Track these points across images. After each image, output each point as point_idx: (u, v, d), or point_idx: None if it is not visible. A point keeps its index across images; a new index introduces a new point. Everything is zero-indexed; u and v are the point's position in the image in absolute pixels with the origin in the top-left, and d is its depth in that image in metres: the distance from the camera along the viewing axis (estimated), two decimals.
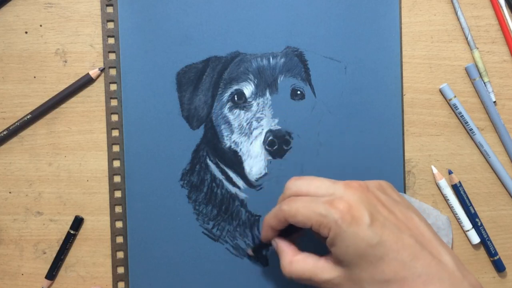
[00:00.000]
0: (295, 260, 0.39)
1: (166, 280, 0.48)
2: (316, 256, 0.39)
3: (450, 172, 0.50)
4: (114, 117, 0.48)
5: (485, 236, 0.49)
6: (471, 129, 0.49)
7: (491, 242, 0.49)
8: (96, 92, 0.48)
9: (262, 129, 0.48)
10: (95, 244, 0.48)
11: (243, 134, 0.48)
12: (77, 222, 0.48)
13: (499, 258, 0.50)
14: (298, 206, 0.37)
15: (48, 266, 0.48)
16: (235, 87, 0.48)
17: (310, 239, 0.42)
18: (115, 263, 0.48)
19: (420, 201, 0.49)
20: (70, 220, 0.48)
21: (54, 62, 0.48)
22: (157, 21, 0.48)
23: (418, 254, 0.35)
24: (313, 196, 0.38)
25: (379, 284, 0.35)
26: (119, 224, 0.48)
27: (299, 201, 0.38)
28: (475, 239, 0.49)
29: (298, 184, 0.40)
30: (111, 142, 0.48)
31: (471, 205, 0.49)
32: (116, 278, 0.48)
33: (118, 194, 0.48)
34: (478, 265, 0.50)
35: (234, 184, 0.48)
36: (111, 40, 0.48)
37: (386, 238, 0.35)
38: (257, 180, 0.48)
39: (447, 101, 0.49)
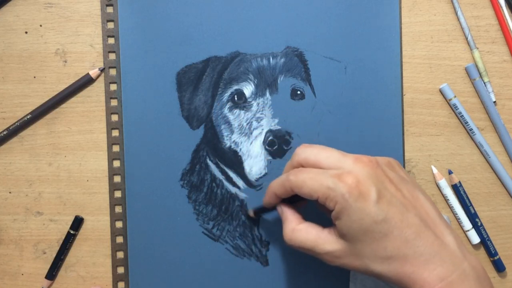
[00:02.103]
0: (297, 229, 0.39)
1: (166, 280, 0.48)
2: (319, 227, 0.39)
3: (450, 172, 0.50)
4: (114, 117, 0.48)
5: (485, 236, 0.49)
6: (471, 129, 0.49)
7: (491, 242, 0.49)
8: (96, 92, 0.48)
9: (262, 129, 0.48)
10: (95, 244, 0.48)
11: (243, 134, 0.48)
12: (77, 222, 0.48)
13: (499, 258, 0.50)
14: (305, 178, 0.37)
15: (48, 266, 0.48)
16: (235, 87, 0.48)
17: (313, 209, 0.42)
18: (115, 263, 0.48)
19: None
20: (70, 220, 0.48)
21: (54, 62, 0.48)
22: (157, 21, 0.48)
23: (421, 233, 0.35)
24: (321, 168, 0.38)
25: (381, 260, 0.35)
26: (119, 224, 0.48)
27: (307, 172, 0.37)
28: (475, 239, 0.49)
29: (307, 152, 0.39)
30: (111, 142, 0.48)
31: (471, 205, 0.49)
32: (116, 278, 0.48)
33: (118, 194, 0.48)
34: None
35: (234, 184, 0.48)
36: (111, 40, 0.48)
37: (391, 215, 0.35)
38: (257, 180, 0.48)
39: (447, 101, 0.49)
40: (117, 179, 0.48)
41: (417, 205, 0.37)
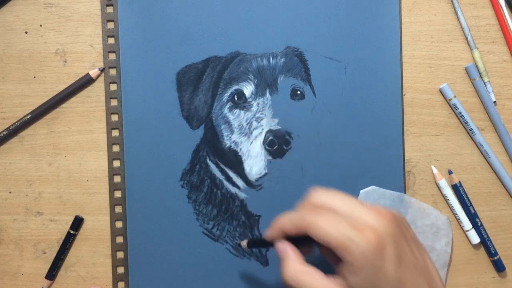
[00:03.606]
0: (303, 271, 0.37)
1: (166, 280, 0.48)
2: (322, 273, 0.37)
3: (450, 172, 0.50)
4: (114, 117, 0.48)
5: (485, 236, 0.49)
6: (471, 129, 0.49)
7: (491, 242, 0.49)
8: (96, 92, 0.48)
9: (262, 129, 0.48)
10: (95, 244, 0.48)
11: (243, 134, 0.48)
12: (77, 222, 0.48)
13: (499, 258, 0.50)
14: (323, 221, 0.35)
15: (48, 266, 0.48)
16: (235, 87, 0.48)
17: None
18: (115, 263, 0.48)
19: (420, 201, 0.49)
20: (70, 220, 0.48)
21: (54, 62, 0.48)
22: (157, 21, 0.48)
23: None
24: (338, 214, 0.36)
25: None
26: (119, 224, 0.48)
27: (325, 215, 0.36)
28: (475, 239, 0.49)
29: (323, 195, 0.38)
30: (111, 142, 0.48)
31: (471, 205, 0.49)
32: (116, 278, 0.48)
33: (118, 194, 0.48)
34: (478, 265, 0.50)
35: (234, 184, 0.48)
36: (111, 40, 0.48)
37: (406, 278, 0.35)
38: (257, 180, 0.48)
39: (447, 101, 0.49)
40: (117, 179, 0.48)
41: (427, 270, 0.37)
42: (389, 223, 0.35)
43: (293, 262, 0.38)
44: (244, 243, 0.45)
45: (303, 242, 0.39)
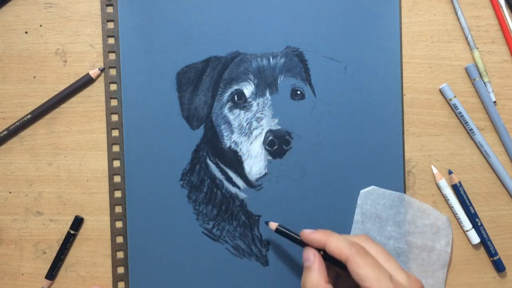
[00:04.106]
0: (323, 287, 0.40)
1: (166, 280, 0.48)
2: None
3: (450, 172, 0.50)
4: (114, 117, 0.48)
5: (485, 236, 0.49)
6: (471, 129, 0.49)
7: (491, 242, 0.49)
8: (96, 92, 0.48)
9: (262, 129, 0.48)
10: (95, 244, 0.48)
11: (243, 134, 0.48)
12: (77, 222, 0.48)
13: (499, 258, 0.50)
14: (367, 264, 0.38)
15: (48, 266, 0.48)
16: (235, 87, 0.48)
17: None
18: (115, 263, 0.48)
19: (420, 201, 0.49)
20: (70, 220, 0.48)
21: (54, 62, 0.48)
22: (157, 21, 0.48)
23: None
24: (382, 266, 0.39)
25: None
26: (119, 224, 0.48)
27: (370, 260, 0.39)
28: (475, 239, 0.49)
29: (372, 244, 0.41)
30: (111, 142, 0.48)
31: (471, 205, 0.49)
32: (116, 278, 0.48)
33: (118, 194, 0.48)
34: (478, 265, 0.50)
35: (234, 184, 0.48)
36: (111, 40, 0.48)
37: None
38: (257, 180, 0.48)
39: (447, 101, 0.49)
40: (117, 179, 0.48)
41: None
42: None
43: (318, 274, 0.40)
44: (273, 225, 0.45)
45: (330, 262, 0.41)
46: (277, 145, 0.48)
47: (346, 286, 0.42)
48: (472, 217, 0.49)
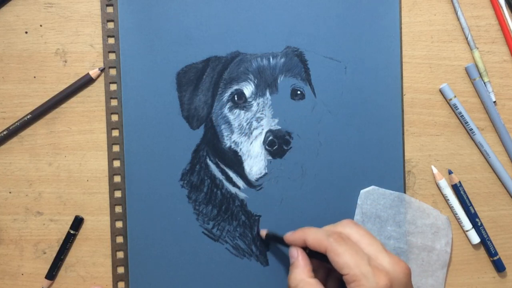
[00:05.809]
0: (306, 281, 0.40)
1: (166, 280, 0.48)
2: None
3: (450, 172, 0.50)
4: (114, 117, 0.48)
5: (485, 236, 0.49)
6: (471, 129, 0.49)
7: (491, 242, 0.49)
8: (96, 92, 0.48)
9: (262, 129, 0.48)
10: (95, 244, 0.48)
11: (243, 134, 0.48)
12: (77, 222, 0.48)
13: (499, 258, 0.50)
14: (346, 250, 0.38)
15: (48, 266, 0.48)
16: (235, 87, 0.48)
17: None
18: (115, 263, 0.48)
19: (420, 201, 0.49)
20: (70, 220, 0.48)
21: (54, 62, 0.48)
22: (157, 21, 0.48)
23: None
24: (361, 250, 0.39)
25: None
26: (119, 224, 0.48)
27: (350, 246, 0.39)
28: (475, 239, 0.49)
29: (353, 229, 0.41)
30: (111, 142, 0.48)
31: (471, 205, 0.49)
32: (116, 278, 0.48)
33: (118, 194, 0.48)
34: (478, 265, 0.50)
35: (234, 184, 0.48)
36: (111, 40, 0.48)
37: None
38: (257, 180, 0.48)
39: (447, 101, 0.49)
40: (117, 179, 0.48)
41: None
42: (402, 273, 0.38)
43: (300, 271, 0.40)
44: (263, 232, 0.47)
45: (316, 258, 0.41)
46: (277, 145, 0.48)
47: (338, 279, 0.42)
48: (472, 217, 0.49)
